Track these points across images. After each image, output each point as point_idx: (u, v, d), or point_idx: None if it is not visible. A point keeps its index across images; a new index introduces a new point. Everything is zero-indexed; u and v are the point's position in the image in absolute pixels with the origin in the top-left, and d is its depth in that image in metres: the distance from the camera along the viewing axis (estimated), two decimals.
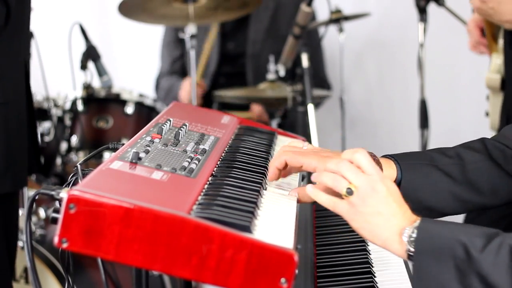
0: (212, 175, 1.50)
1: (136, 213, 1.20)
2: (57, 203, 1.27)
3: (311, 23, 3.44)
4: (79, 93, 3.30)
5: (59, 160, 3.24)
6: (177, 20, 3.38)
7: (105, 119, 3.31)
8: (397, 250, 1.36)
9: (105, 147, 1.71)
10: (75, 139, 3.26)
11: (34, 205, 2.78)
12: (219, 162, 1.60)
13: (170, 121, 1.72)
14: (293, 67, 3.46)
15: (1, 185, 2.17)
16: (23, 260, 2.76)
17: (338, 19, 3.58)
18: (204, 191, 1.39)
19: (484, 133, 3.15)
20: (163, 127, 1.65)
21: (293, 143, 1.68)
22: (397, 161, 1.59)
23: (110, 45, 4.57)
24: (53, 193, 1.28)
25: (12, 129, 2.18)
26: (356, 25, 4.16)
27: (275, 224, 1.36)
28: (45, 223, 2.98)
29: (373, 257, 1.70)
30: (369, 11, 3.87)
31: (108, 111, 3.33)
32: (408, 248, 1.34)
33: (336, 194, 1.42)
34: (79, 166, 1.47)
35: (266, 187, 1.54)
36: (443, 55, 4.29)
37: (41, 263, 2.71)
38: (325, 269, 1.65)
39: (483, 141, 1.65)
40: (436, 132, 3.72)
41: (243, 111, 3.90)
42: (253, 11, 3.81)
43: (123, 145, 1.55)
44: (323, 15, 3.68)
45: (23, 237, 2.62)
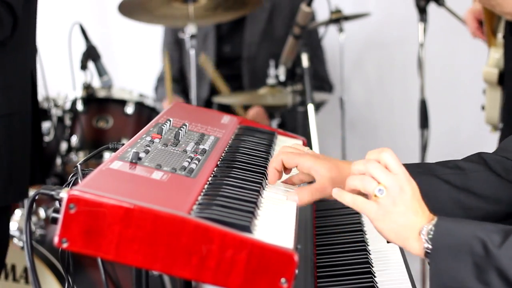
0: (212, 175, 1.50)
1: (136, 213, 1.20)
2: (57, 203, 1.27)
3: (311, 23, 3.43)
4: (79, 93, 3.30)
5: (59, 160, 3.23)
6: (177, 20, 3.37)
7: (105, 119, 3.31)
8: (415, 248, 1.36)
9: (105, 147, 1.71)
10: (75, 139, 3.26)
11: (34, 205, 2.78)
12: (219, 162, 1.60)
13: (170, 121, 1.72)
14: (292, 67, 3.46)
15: (4, 198, 2.16)
16: (23, 260, 2.76)
17: (338, 19, 3.58)
18: (204, 191, 1.39)
19: (484, 133, 3.16)
20: (163, 127, 1.65)
21: (295, 145, 1.67)
22: None
23: (110, 45, 4.57)
24: (53, 193, 1.28)
25: (16, 140, 2.17)
26: (356, 25, 4.16)
27: (275, 224, 1.36)
28: (45, 223, 2.98)
29: (373, 257, 1.70)
30: (369, 11, 3.86)
31: (108, 111, 3.33)
32: (426, 245, 1.34)
33: (362, 195, 1.41)
34: (79, 166, 1.47)
35: (266, 187, 1.54)
36: (443, 55, 4.29)
37: (41, 263, 2.71)
38: (325, 269, 1.65)
39: (480, 155, 1.64)
40: (436, 132, 3.72)
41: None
42: (253, 11, 3.81)
43: (123, 145, 1.55)
44: (323, 15, 3.68)
45: (23, 237, 2.63)
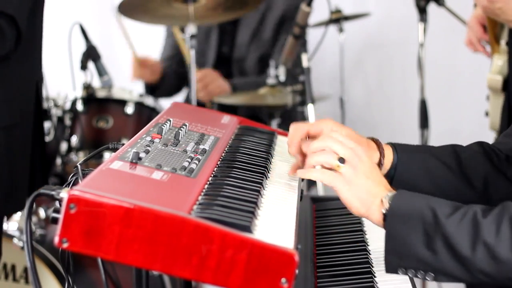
0: (212, 175, 1.50)
1: (136, 213, 1.20)
2: (57, 203, 1.27)
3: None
4: (79, 93, 3.30)
5: (59, 160, 3.23)
6: (177, 20, 3.37)
7: (105, 119, 3.31)
8: (376, 216, 1.46)
9: (105, 147, 1.71)
10: (75, 139, 3.26)
11: (34, 205, 2.78)
12: (219, 162, 1.60)
13: (170, 121, 1.72)
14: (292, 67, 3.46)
15: (3, 209, 2.16)
16: (23, 260, 2.76)
17: (338, 19, 3.58)
18: (204, 191, 1.39)
19: (484, 133, 3.16)
20: (163, 127, 1.65)
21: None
22: (394, 146, 1.69)
23: (110, 45, 4.57)
24: (53, 193, 1.28)
25: (17, 151, 2.17)
26: (356, 25, 4.16)
27: (276, 224, 1.36)
28: (45, 223, 2.98)
29: (373, 257, 1.70)
30: (369, 11, 3.87)
31: (108, 111, 3.33)
32: (383, 211, 1.44)
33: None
34: (79, 166, 1.47)
35: (266, 187, 1.54)
36: (443, 55, 4.29)
37: (41, 263, 2.71)
38: (325, 269, 1.65)
39: (481, 143, 1.73)
40: (436, 132, 3.71)
41: None
42: (253, 10, 3.80)
43: (123, 145, 1.55)
44: (323, 15, 3.68)
45: (23, 237, 2.63)
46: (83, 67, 3.27)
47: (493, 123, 2.79)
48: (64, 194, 1.21)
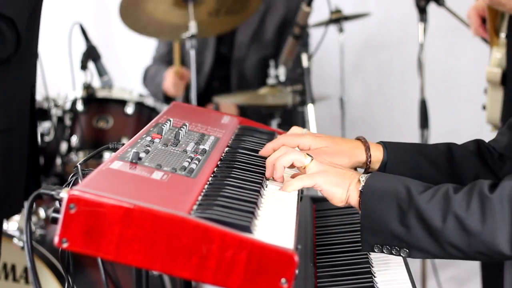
0: (212, 175, 1.50)
1: (136, 213, 1.20)
2: (57, 203, 1.27)
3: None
4: (79, 93, 3.30)
5: (59, 160, 3.23)
6: (179, 30, 3.36)
7: (105, 119, 3.31)
8: (355, 197, 1.50)
9: (105, 147, 1.71)
10: (75, 139, 3.26)
11: (34, 205, 2.78)
12: (219, 162, 1.60)
13: (170, 121, 1.72)
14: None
15: (0, 213, 2.16)
16: (23, 260, 2.76)
17: (338, 19, 3.58)
18: (204, 191, 1.39)
19: (484, 133, 3.16)
20: (163, 127, 1.65)
21: (293, 129, 1.80)
22: (385, 145, 1.71)
23: (110, 45, 4.57)
24: (53, 193, 1.28)
25: (14, 155, 2.17)
26: (356, 25, 4.15)
27: (275, 224, 1.36)
28: (45, 223, 2.98)
29: (373, 257, 1.70)
30: (369, 11, 3.86)
31: (108, 111, 3.33)
32: (360, 188, 1.48)
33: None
34: (79, 166, 1.47)
35: (266, 187, 1.54)
36: (443, 55, 4.29)
37: (41, 263, 2.71)
38: (325, 269, 1.65)
39: (477, 141, 1.75)
40: (436, 132, 3.71)
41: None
42: (253, 12, 3.80)
43: (123, 145, 1.55)
44: (323, 15, 3.68)
45: (23, 237, 2.62)
46: (83, 67, 3.27)
47: (490, 117, 2.79)
48: (64, 194, 1.21)
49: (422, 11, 3.35)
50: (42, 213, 3.01)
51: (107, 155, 3.10)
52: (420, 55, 3.37)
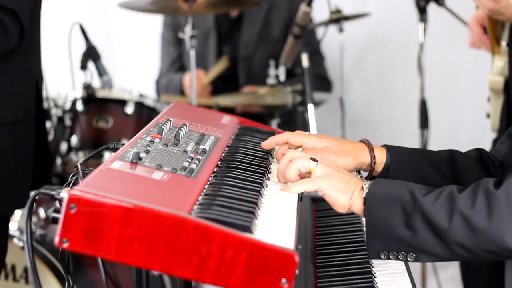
0: (212, 175, 1.50)
1: (136, 213, 1.20)
2: (57, 203, 1.27)
3: (310, 24, 3.43)
4: (79, 93, 3.30)
5: (59, 160, 3.23)
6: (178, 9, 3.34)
7: (105, 119, 3.31)
8: (359, 204, 1.49)
9: (105, 147, 1.71)
10: (75, 139, 3.26)
11: (34, 205, 2.78)
12: (219, 162, 1.60)
13: (170, 121, 1.72)
14: (292, 67, 3.46)
15: (10, 206, 2.16)
16: (23, 260, 2.76)
17: (338, 19, 3.57)
18: (204, 191, 1.39)
19: (484, 133, 3.16)
20: (163, 127, 1.65)
21: (298, 132, 1.79)
22: (388, 148, 1.71)
23: (110, 45, 4.57)
24: (53, 193, 1.28)
25: (21, 148, 2.17)
26: (356, 25, 4.15)
27: (276, 224, 1.36)
28: (45, 223, 2.98)
29: None
30: (369, 11, 3.86)
31: (108, 111, 3.33)
32: (363, 195, 1.48)
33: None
34: (79, 166, 1.47)
35: (266, 186, 1.54)
36: (443, 55, 4.29)
37: (41, 263, 2.71)
38: (325, 269, 1.65)
39: (479, 150, 1.75)
40: (436, 132, 3.71)
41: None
42: (252, 8, 3.79)
43: (123, 145, 1.55)
44: (323, 15, 3.67)
45: (23, 237, 2.62)
46: (83, 67, 3.27)
47: (494, 125, 2.78)
48: (64, 194, 1.21)
49: (422, 11, 3.34)
50: (42, 213, 3.01)
51: (107, 155, 3.10)
52: (420, 55, 3.37)
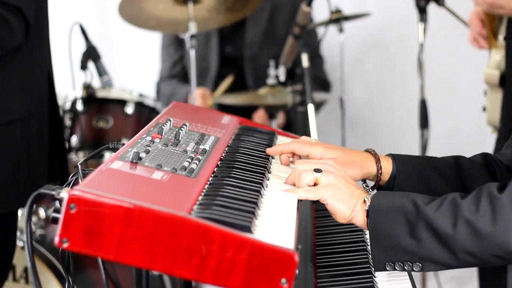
0: (212, 175, 1.50)
1: (136, 213, 1.20)
2: (57, 203, 1.27)
3: (310, 24, 3.43)
4: (79, 93, 3.30)
5: None
6: (179, 25, 3.36)
7: (105, 119, 3.31)
8: (361, 217, 1.50)
9: (105, 147, 1.71)
10: (75, 139, 3.26)
11: (34, 205, 2.78)
12: (219, 162, 1.60)
13: (170, 121, 1.72)
14: (292, 67, 3.46)
15: (23, 201, 2.15)
16: (23, 260, 2.76)
17: (338, 19, 3.57)
18: (204, 191, 1.39)
19: (484, 133, 3.16)
20: (163, 127, 1.65)
21: (304, 137, 1.81)
22: (394, 157, 1.70)
23: (110, 45, 4.57)
24: (53, 193, 1.28)
25: (34, 143, 2.15)
26: (356, 25, 4.15)
27: (276, 224, 1.36)
28: (45, 223, 2.98)
29: None
30: (369, 11, 3.86)
31: (108, 111, 3.33)
32: (366, 208, 1.48)
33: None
34: (79, 166, 1.47)
35: (266, 186, 1.54)
36: (443, 55, 4.29)
37: (41, 263, 2.71)
38: (325, 269, 1.65)
39: (485, 154, 1.74)
40: (436, 132, 3.72)
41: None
42: (254, 10, 3.80)
43: (123, 145, 1.55)
44: (323, 15, 3.67)
45: (24, 237, 2.62)
46: (83, 67, 3.27)
47: (490, 118, 2.79)
48: (64, 194, 1.21)
49: (422, 11, 3.34)
50: (42, 213, 3.01)
51: (107, 155, 3.10)
52: (420, 55, 3.37)
